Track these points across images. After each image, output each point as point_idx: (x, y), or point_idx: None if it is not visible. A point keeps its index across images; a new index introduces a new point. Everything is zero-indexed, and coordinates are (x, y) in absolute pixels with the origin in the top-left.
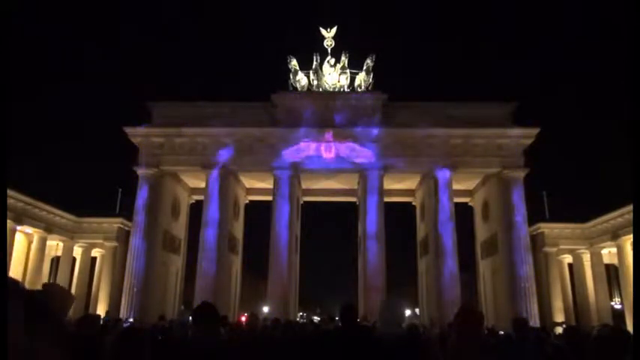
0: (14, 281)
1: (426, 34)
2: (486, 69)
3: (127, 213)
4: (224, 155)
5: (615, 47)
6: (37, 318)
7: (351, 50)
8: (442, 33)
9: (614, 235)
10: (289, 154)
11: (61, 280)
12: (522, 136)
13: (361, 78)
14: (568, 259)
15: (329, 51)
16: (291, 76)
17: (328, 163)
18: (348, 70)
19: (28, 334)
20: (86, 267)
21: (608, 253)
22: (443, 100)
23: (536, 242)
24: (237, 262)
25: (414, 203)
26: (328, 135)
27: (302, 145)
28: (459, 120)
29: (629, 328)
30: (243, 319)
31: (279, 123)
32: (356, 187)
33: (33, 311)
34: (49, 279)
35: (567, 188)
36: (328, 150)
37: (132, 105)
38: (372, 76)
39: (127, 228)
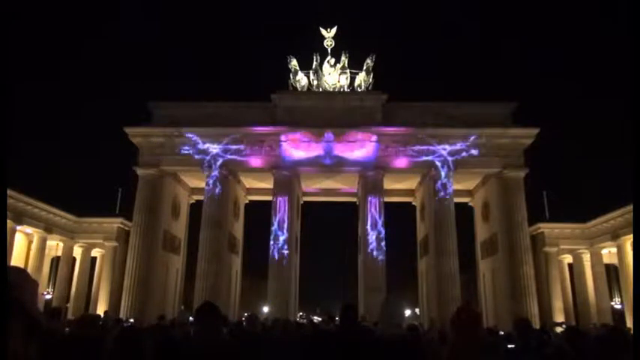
0: None
1: (426, 34)
2: (486, 69)
3: (127, 213)
4: (224, 155)
5: (615, 47)
6: (13, 316)
7: (351, 50)
8: (442, 33)
9: (614, 235)
10: (289, 154)
11: (61, 280)
12: (522, 136)
13: (361, 78)
14: (568, 259)
15: (329, 51)
16: (291, 76)
17: (328, 163)
18: (348, 70)
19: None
20: (86, 267)
21: (608, 253)
22: (443, 100)
23: (536, 242)
24: (237, 262)
25: (414, 203)
26: (328, 135)
27: (302, 145)
28: (459, 120)
29: (629, 328)
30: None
31: (279, 123)
32: (356, 187)
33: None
34: (49, 279)
35: (567, 188)
36: (328, 150)
37: (132, 105)
38: (372, 76)
39: (127, 228)
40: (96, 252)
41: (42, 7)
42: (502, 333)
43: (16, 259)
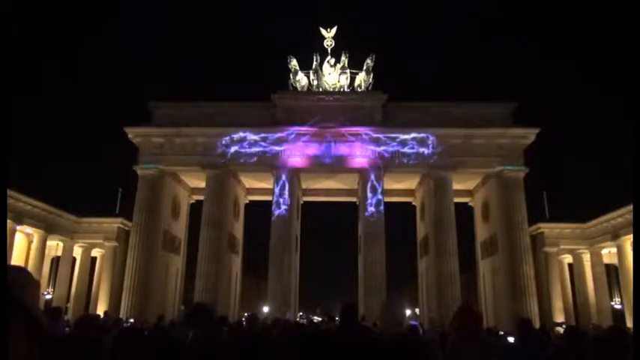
0: None
1: (426, 34)
2: (486, 69)
3: (127, 213)
4: (224, 155)
5: (616, 46)
6: (14, 315)
7: (351, 50)
8: (442, 33)
9: (614, 235)
10: (289, 154)
11: (61, 280)
12: (522, 135)
13: (361, 78)
14: (568, 259)
15: (329, 51)
16: (291, 76)
17: (328, 163)
18: (348, 70)
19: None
20: (86, 267)
21: (608, 253)
22: (443, 100)
23: (536, 242)
24: (237, 262)
25: (414, 203)
26: (328, 135)
27: (302, 145)
28: (459, 120)
29: (629, 328)
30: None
31: (279, 123)
32: (356, 187)
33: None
34: (49, 279)
35: (567, 188)
36: (328, 150)
37: (132, 105)
38: (372, 76)
39: (127, 228)
40: (96, 252)
41: (42, 7)
42: (502, 333)
43: (16, 259)
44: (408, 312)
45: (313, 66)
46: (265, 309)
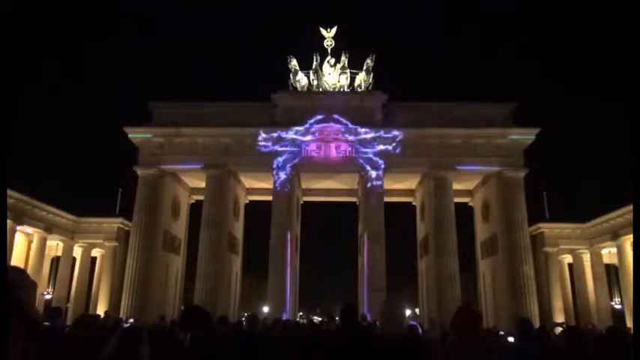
0: None
1: (426, 34)
2: (486, 69)
3: (127, 213)
4: (224, 155)
5: (616, 46)
6: (12, 315)
7: (351, 50)
8: (442, 33)
9: (614, 235)
10: (289, 154)
11: (61, 280)
12: (522, 135)
13: (361, 78)
14: (568, 259)
15: (329, 51)
16: (291, 76)
17: (328, 163)
18: (348, 70)
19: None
20: (86, 267)
21: (608, 253)
22: (443, 100)
23: (536, 242)
24: (237, 262)
25: (414, 203)
26: (328, 135)
27: (302, 144)
28: (459, 120)
29: (629, 328)
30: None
31: (279, 123)
32: (356, 187)
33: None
34: (49, 279)
35: (567, 188)
36: (328, 150)
37: (132, 105)
38: (372, 76)
39: (127, 228)
40: (96, 252)
41: (42, 6)
42: (502, 333)
43: (16, 259)
44: (408, 312)
45: (313, 66)
46: (265, 309)
